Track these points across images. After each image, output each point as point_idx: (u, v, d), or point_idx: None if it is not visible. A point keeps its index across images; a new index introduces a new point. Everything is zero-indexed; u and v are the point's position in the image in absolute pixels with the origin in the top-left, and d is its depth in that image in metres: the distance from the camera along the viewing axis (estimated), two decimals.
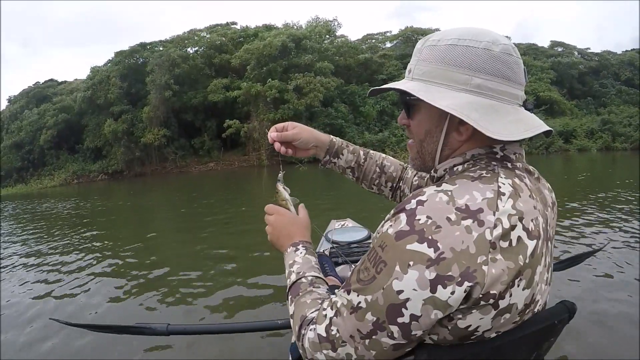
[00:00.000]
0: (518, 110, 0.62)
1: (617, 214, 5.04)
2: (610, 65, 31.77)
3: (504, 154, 0.64)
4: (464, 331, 0.56)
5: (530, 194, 0.60)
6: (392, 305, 0.53)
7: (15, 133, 27.63)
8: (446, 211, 0.53)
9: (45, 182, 24.90)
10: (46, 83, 31.89)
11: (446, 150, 0.67)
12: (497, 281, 0.52)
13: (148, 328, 1.05)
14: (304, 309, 0.69)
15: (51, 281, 3.92)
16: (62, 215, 9.59)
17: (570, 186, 8.57)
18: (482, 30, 0.62)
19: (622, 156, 18.87)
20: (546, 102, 25.83)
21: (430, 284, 0.51)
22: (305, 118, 22.50)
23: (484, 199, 0.54)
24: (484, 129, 0.57)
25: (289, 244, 0.85)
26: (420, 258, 0.51)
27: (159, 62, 23.79)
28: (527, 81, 0.64)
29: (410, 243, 0.52)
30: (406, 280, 0.52)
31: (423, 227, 0.52)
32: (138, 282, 3.64)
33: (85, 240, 5.85)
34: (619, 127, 23.59)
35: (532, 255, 0.56)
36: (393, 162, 1.10)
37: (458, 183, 0.57)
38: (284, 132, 0.97)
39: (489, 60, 0.59)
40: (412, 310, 0.52)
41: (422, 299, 0.51)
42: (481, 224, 0.52)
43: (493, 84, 0.60)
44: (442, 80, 0.62)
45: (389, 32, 34.11)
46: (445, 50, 0.62)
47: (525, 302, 0.57)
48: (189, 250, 4.82)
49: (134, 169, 24.89)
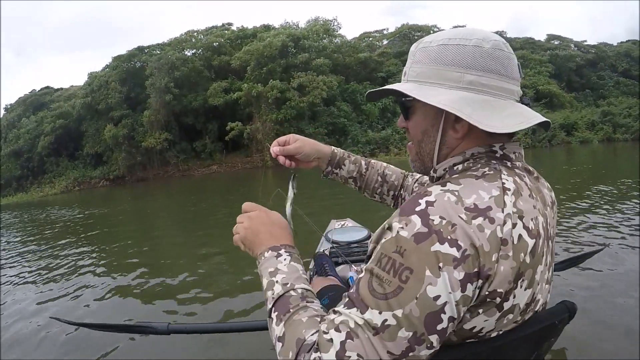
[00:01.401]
0: (514, 104, 0.61)
1: (618, 207, 5.05)
2: (607, 57, 31.97)
3: (504, 153, 0.63)
4: (468, 332, 0.56)
5: (530, 193, 0.60)
6: (431, 313, 0.50)
7: (13, 141, 27.27)
8: (457, 210, 0.52)
9: (46, 190, 24.58)
10: (42, 90, 31.55)
11: (444, 150, 0.67)
12: (505, 280, 0.52)
13: (149, 327, 1.04)
14: (301, 329, 0.57)
15: (52, 281, 3.93)
16: (64, 221, 9.53)
17: (572, 177, 8.66)
18: (473, 30, 0.63)
19: (624, 147, 19.24)
20: (546, 96, 25.99)
21: (461, 283, 0.50)
22: (307, 117, 22.44)
23: (490, 197, 0.54)
24: (478, 122, 0.56)
25: (267, 246, 0.72)
26: (447, 259, 0.50)
27: (158, 65, 23.57)
28: (522, 76, 0.64)
29: (433, 244, 0.50)
30: (440, 284, 0.49)
31: (440, 228, 0.51)
32: (140, 282, 3.64)
33: (88, 244, 5.86)
34: (619, 118, 23.91)
35: (533, 255, 0.56)
36: (394, 171, 1.10)
37: (463, 182, 0.57)
38: (286, 146, 0.97)
39: (479, 57, 0.60)
40: (449, 314, 0.50)
41: (456, 300, 0.50)
42: (492, 221, 0.52)
43: (485, 79, 0.60)
44: (436, 80, 0.62)
45: (385, 30, 34.27)
46: (436, 51, 0.63)
47: (527, 302, 0.58)
48: (191, 251, 4.84)
49: (136, 173, 24.62)
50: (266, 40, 22.74)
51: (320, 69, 22.68)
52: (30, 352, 2.46)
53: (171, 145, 24.51)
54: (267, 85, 21.46)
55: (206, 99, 23.65)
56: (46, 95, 30.23)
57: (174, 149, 24.68)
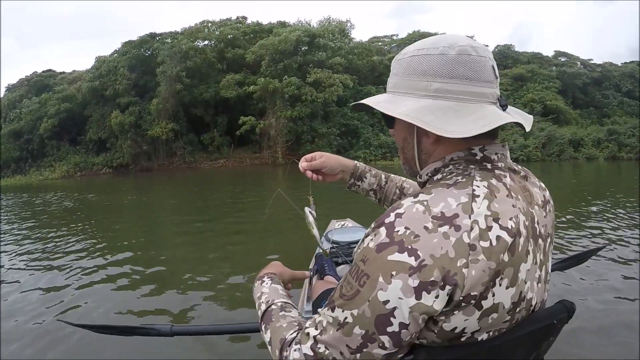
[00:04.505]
0: (484, 107, 0.62)
1: (619, 214, 5.56)
2: (612, 77, 32.48)
3: (484, 155, 0.65)
4: (451, 333, 0.57)
5: (508, 193, 0.61)
6: (380, 315, 0.54)
7: (15, 121, 26.46)
8: (423, 220, 0.55)
9: (45, 174, 23.85)
10: (45, 72, 30.78)
11: (423, 155, 0.70)
12: (478, 282, 0.54)
13: (152, 329, 1.05)
14: (282, 332, 0.69)
15: (54, 282, 3.88)
16: (64, 211, 9.29)
17: (577, 189, 9.22)
18: (443, 37, 0.65)
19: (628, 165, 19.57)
20: (553, 111, 26.25)
21: (415, 291, 0.52)
22: (320, 117, 22.29)
23: (458, 204, 0.56)
24: (437, 129, 0.59)
25: (256, 279, 0.91)
26: (402, 267, 0.53)
27: (170, 54, 23.16)
28: (497, 77, 0.64)
29: (391, 254, 0.54)
30: (391, 290, 0.53)
31: (402, 238, 0.54)
32: (142, 283, 3.64)
33: (91, 241, 5.71)
34: (624, 137, 24.28)
35: (512, 253, 0.57)
36: (412, 184, 1.14)
37: (434, 192, 0.59)
38: (313, 162, 1.07)
39: (445, 64, 0.62)
40: (400, 319, 0.53)
41: (409, 306, 0.53)
42: (458, 228, 0.54)
43: (452, 86, 0.62)
44: (407, 90, 0.65)
45: (395, 35, 34.38)
46: (407, 62, 0.66)
47: (513, 301, 0.58)
48: (193, 252, 4.82)
49: (140, 163, 24.12)
50: (282, 35, 22.52)
51: (335, 68, 22.57)
52: (33, 352, 2.47)
53: (178, 136, 24.10)
54: (282, 81, 21.23)
55: (217, 91, 23.32)
56: (50, 78, 29.48)
57: (180, 140, 24.26)
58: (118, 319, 2.88)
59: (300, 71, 22.32)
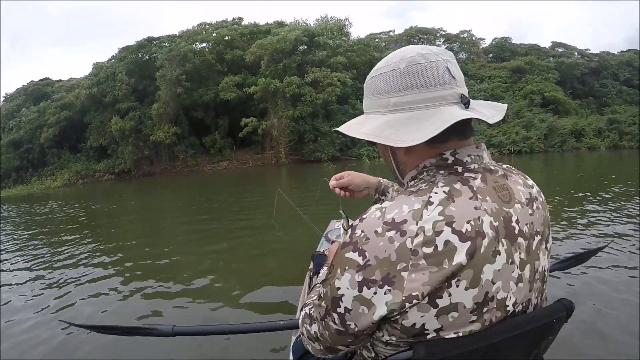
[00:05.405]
0: (441, 110, 0.63)
1: (620, 209, 5.49)
2: (610, 66, 32.51)
3: (456, 158, 0.67)
4: (413, 329, 0.61)
5: (472, 196, 0.63)
6: (334, 297, 0.65)
7: (14, 131, 26.23)
8: (376, 225, 0.61)
9: (47, 183, 23.66)
10: (42, 81, 30.56)
11: (401, 166, 0.74)
12: (419, 284, 0.57)
13: (154, 329, 1.07)
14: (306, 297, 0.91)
15: (56, 283, 3.93)
16: (70, 217, 9.33)
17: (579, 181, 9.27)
18: (394, 53, 0.69)
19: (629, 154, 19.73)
20: (552, 102, 26.27)
21: (358, 285, 0.61)
22: (322, 116, 22.23)
23: (410, 211, 0.60)
24: (393, 141, 0.63)
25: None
26: (352, 264, 0.61)
27: (169, 57, 23.00)
28: (454, 77, 0.65)
29: (348, 252, 0.62)
30: (342, 281, 0.63)
31: (357, 239, 0.62)
32: (144, 283, 3.67)
33: (93, 243, 5.80)
34: (624, 126, 24.39)
35: (472, 255, 0.58)
36: None
37: (396, 199, 0.63)
38: (341, 180, 1.25)
39: (397, 79, 0.66)
40: (345, 304, 0.63)
41: (352, 296, 0.62)
42: (403, 234, 0.58)
43: (408, 97, 0.65)
44: (374, 109, 0.70)
45: (392, 32, 34.28)
46: (369, 84, 0.72)
47: (476, 301, 0.60)
48: (195, 252, 4.87)
49: (142, 168, 23.95)
50: (280, 35, 22.42)
51: (335, 67, 22.50)
52: (32, 352, 2.50)
53: (180, 139, 23.98)
54: (283, 81, 21.16)
55: (217, 94, 23.19)
56: (47, 86, 29.26)
57: (182, 144, 24.14)
58: (120, 320, 2.92)
59: (299, 70, 22.23)
